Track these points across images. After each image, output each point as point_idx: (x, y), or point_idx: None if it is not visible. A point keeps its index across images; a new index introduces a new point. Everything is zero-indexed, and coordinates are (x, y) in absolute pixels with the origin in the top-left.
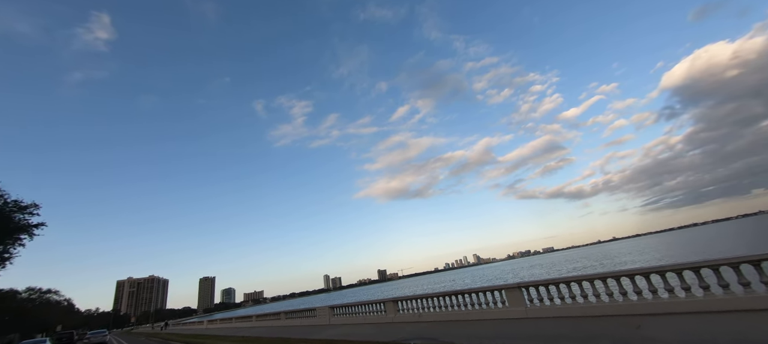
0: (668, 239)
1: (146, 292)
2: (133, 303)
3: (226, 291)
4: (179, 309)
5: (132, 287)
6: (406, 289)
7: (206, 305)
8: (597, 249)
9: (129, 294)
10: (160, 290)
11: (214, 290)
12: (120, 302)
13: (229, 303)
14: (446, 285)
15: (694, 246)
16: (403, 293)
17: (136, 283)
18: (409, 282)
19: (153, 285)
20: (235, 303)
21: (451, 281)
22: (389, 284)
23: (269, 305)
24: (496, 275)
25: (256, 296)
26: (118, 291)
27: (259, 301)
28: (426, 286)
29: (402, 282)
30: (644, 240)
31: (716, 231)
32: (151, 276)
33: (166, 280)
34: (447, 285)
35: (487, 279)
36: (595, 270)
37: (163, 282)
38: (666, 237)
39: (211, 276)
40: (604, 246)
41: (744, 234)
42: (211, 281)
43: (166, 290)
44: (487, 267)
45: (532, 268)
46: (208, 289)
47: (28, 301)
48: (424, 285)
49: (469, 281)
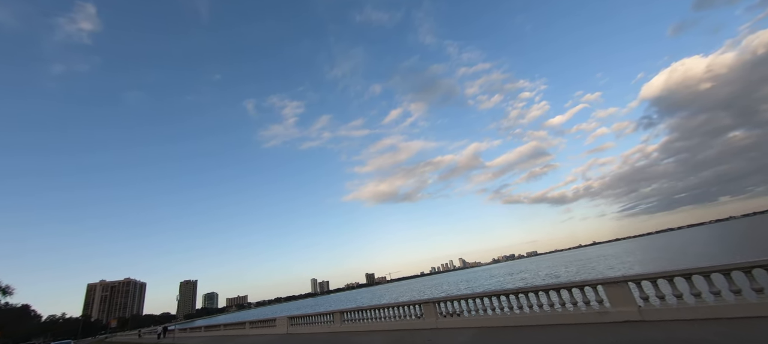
0: (650, 243)
1: (121, 297)
2: (105, 309)
3: (209, 296)
4: (158, 314)
5: (105, 291)
6: (395, 293)
7: (187, 310)
8: (580, 252)
9: (101, 298)
10: (137, 294)
11: (196, 295)
12: (90, 307)
13: (212, 308)
14: (447, 290)
15: (681, 250)
16: (388, 299)
17: (110, 287)
18: (396, 286)
19: (129, 289)
20: (217, 308)
21: (449, 283)
22: (377, 288)
23: (253, 311)
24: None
25: (239, 301)
26: (89, 295)
27: (243, 306)
28: (413, 290)
29: (390, 286)
30: (624, 244)
31: (691, 235)
32: (127, 279)
33: (144, 284)
34: (448, 290)
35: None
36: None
37: (140, 286)
38: (645, 241)
39: (192, 280)
40: (586, 250)
41: (722, 238)
42: (192, 285)
43: (143, 294)
44: (474, 270)
45: (534, 271)
46: (190, 294)
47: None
48: (412, 288)
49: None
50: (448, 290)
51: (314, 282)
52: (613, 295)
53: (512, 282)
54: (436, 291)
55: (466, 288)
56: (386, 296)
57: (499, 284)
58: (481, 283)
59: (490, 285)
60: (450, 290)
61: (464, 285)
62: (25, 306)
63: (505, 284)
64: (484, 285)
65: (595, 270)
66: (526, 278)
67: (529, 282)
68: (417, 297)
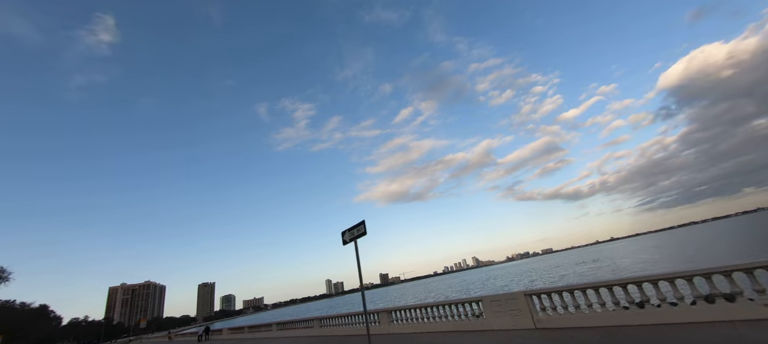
0: (673, 238)
1: (141, 300)
2: (127, 312)
3: (226, 298)
4: (178, 317)
5: (126, 294)
6: (412, 293)
7: (206, 313)
8: (599, 249)
9: (122, 301)
10: (157, 297)
11: (214, 297)
12: (112, 310)
13: (229, 310)
14: (462, 291)
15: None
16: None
17: (131, 290)
18: (412, 286)
19: (149, 292)
20: (235, 310)
21: (472, 282)
22: (391, 288)
23: (270, 312)
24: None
25: (256, 303)
26: (111, 298)
27: (260, 308)
28: (431, 289)
29: (405, 286)
30: (645, 239)
31: (714, 230)
32: (147, 282)
33: (163, 286)
34: (463, 291)
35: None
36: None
37: (159, 289)
38: (665, 237)
39: (210, 282)
40: (603, 247)
41: (749, 233)
42: (210, 287)
43: (163, 297)
44: (490, 269)
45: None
46: (208, 296)
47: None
48: (429, 288)
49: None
50: (472, 288)
51: (329, 283)
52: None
53: (550, 280)
54: (457, 291)
55: (506, 285)
56: (408, 295)
57: (530, 281)
58: (514, 279)
59: (523, 282)
60: (472, 288)
61: (492, 282)
62: (43, 307)
63: (541, 280)
64: (521, 282)
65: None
66: (594, 270)
67: (598, 276)
68: (441, 295)
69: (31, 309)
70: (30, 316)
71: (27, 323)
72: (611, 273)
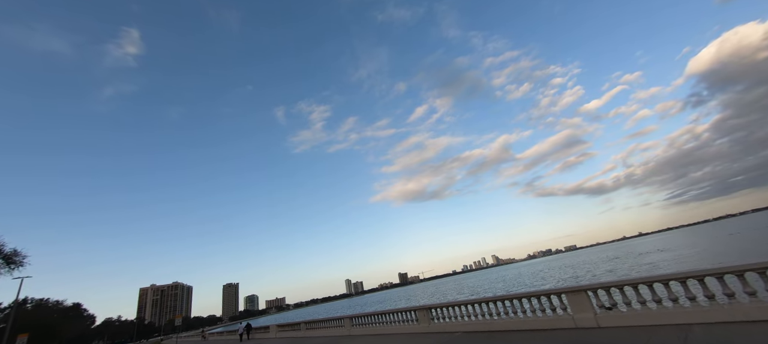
0: (706, 232)
1: (170, 300)
2: (157, 312)
3: (250, 298)
4: (205, 317)
5: (155, 294)
6: (431, 292)
7: (231, 313)
8: (626, 245)
9: (153, 301)
10: (185, 297)
11: (238, 297)
12: (143, 310)
13: (253, 310)
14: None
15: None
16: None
17: (160, 290)
18: (431, 285)
19: (177, 293)
20: (258, 310)
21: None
22: (410, 288)
23: (293, 312)
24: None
25: (278, 303)
26: (142, 298)
27: (282, 308)
28: (451, 289)
29: (424, 285)
30: (677, 234)
31: (755, 222)
32: (175, 283)
33: (190, 287)
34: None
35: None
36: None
37: (187, 289)
38: (701, 230)
39: (234, 283)
40: (632, 242)
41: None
42: (234, 288)
43: (190, 297)
44: (511, 267)
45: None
46: (232, 296)
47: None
48: (451, 287)
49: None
50: (497, 287)
51: (348, 282)
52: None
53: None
54: (483, 290)
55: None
56: (429, 294)
57: (575, 278)
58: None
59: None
60: (494, 287)
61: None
62: (76, 305)
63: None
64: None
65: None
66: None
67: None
68: (464, 295)
69: (64, 307)
70: (63, 314)
71: (59, 321)
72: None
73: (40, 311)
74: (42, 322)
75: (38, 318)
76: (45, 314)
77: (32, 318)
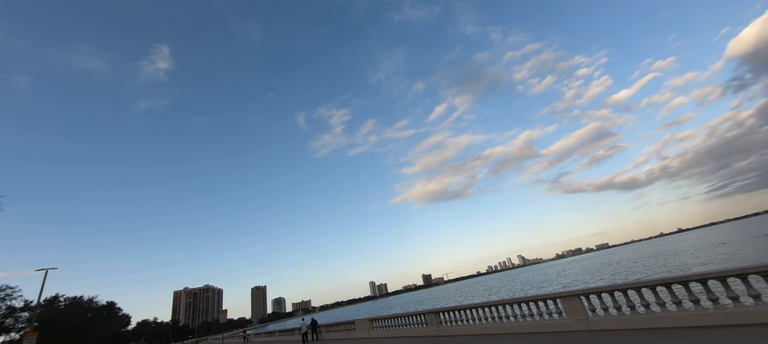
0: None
1: (202, 302)
2: (190, 314)
3: (277, 301)
4: (236, 319)
5: (188, 297)
6: (455, 293)
7: (260, 315)
8: (664, 242)
9: (186, 304)
10: (215, 300)
11: (266, 299)
12: (178, 312)
13: (281, 312)
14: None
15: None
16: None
17: (193, 293)
18: (456, 287)
19: (208, 295)
20: (285, 312)
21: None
22: (435, 289)
23: (320, 314)
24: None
25: (304, 305)
26: (176, 301)
27: (308, 310)
28: (479, 290)
29: (449, 287)
30: (723, 229)
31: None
32: (207, 286)
33: (221, 290)
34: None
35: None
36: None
37: (217, 292)
38: (749, 224)
39: (262, 286)
40: (671, 240)
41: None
42: (262, 290)
43: (221, 300)
44: (537, 267)
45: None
46: (260, 299)
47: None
48: (476, 289)
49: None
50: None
51: (372, 285)
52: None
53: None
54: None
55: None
56: (451, 296)
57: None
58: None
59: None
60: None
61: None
62: (110, 304)
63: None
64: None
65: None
66: None
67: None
68: (495, 295)
69: (98, 306)
70: (96, 313)
71: (92, 320)
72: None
73: (73, 309)
74: (73, 321)
75: (69, 316)
76: (77, 312)
77: (64, 316)
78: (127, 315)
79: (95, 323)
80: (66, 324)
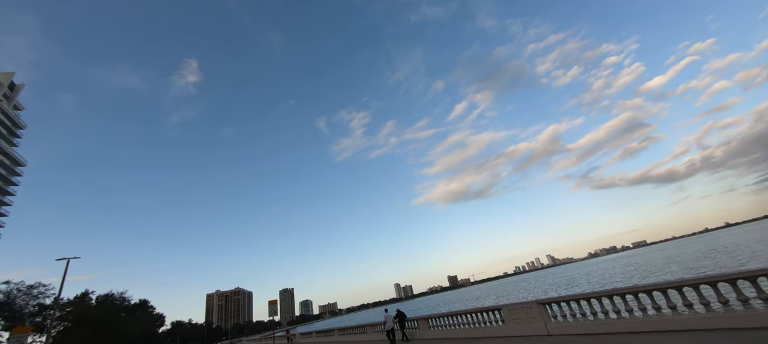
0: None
1: (233, 304)
2: (222, 316)
3: (304, 304)
4: (266, 321)
5: (220, 300)
6: (482, 295)
7: (289, 317)
8: (710, 238)
9: (218, 307)
10: (246, 302)
11: (294, 302)
12: (211, 314)
13: (308, 315)
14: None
15: None
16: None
17: (224, 296)
18: (483, 288)
19: (239, 298)
20: (313, 314)
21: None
22: (461, 291)
23: (347, 317)
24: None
25: (331, 308)
26: (209, 303)
27: (335, 313)
28: (506, 291)
29: (476, 288)
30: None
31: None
32: (237, 289)
33: (250, 292)
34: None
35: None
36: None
37: (247, 294)
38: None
39: (289, 288)
40: (717, 235)
41: None
42: (290, 293)
43: (251, 302)
44: (569, 267)
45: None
46: (289, 301)
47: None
48: (503, 289)
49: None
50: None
51: (397, 286)
52: None
53: None
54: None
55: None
56: (475, 298)
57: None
58: None
59: None
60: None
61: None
62: (143, 301)
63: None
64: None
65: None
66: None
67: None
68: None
69: (130, 305)
70: (129, 311)
71: (124, 317)
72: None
73: (104, 307)
74: (106, 318)
75: (103, 313)
76: (109, 310)
77: (97, 312)
78: (161, 315)
79: (128, 321)
80: (99, 321)
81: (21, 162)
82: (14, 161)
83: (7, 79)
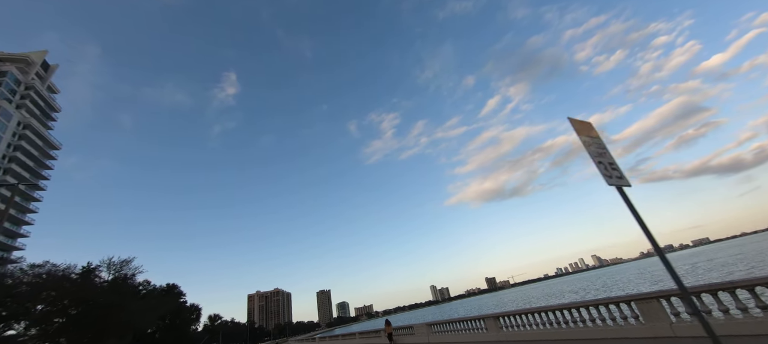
0: None
1: (273, 305)
2: (263, 317)
3: (341, 305)
4: (306, 322)
5: (261, 300)
6: (526, 297)
7: (326, 319)
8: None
9: (259, 307)
10: (285, 303)
11: (331, 304)
12: (253, 314)
13: (345, 317)
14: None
15: None
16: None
17: (264, 297)
18: (524, 291)
19: (279, 299)
20: (350, 316)
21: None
22: (500, 294)
23: (384, 319)
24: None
25: (367, 310)
26: (250, 304)
27: (371, 315)
28: (553, 293)
29: (516, 291)
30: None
31: None
32: (277, 290)
33: (289, 294)
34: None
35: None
36: None
37: (286, 296)
38: None
39: (326, 290)
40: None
41: None
42: (327, 294)
43: (290, 303)
44: (620, 268)
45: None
46: (326, 303)
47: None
48: (552, 291)
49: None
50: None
51: (433, 289)
52: None
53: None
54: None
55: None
56: (515, 301)
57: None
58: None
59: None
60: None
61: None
62: (171, 286)
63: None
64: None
65: None
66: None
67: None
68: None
69: (155, 294)
70: (153, 297)
71: (145, 303)
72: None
73: (116, 286)
74: (116, 302)
75: (115, 297)
76: (123, 291)
77: (106, 295)
78: (197, 306)
79: (147, 308)
80: (109, 305)
81: (56, 145)
82: (49, 144)
83: (40, 57)
